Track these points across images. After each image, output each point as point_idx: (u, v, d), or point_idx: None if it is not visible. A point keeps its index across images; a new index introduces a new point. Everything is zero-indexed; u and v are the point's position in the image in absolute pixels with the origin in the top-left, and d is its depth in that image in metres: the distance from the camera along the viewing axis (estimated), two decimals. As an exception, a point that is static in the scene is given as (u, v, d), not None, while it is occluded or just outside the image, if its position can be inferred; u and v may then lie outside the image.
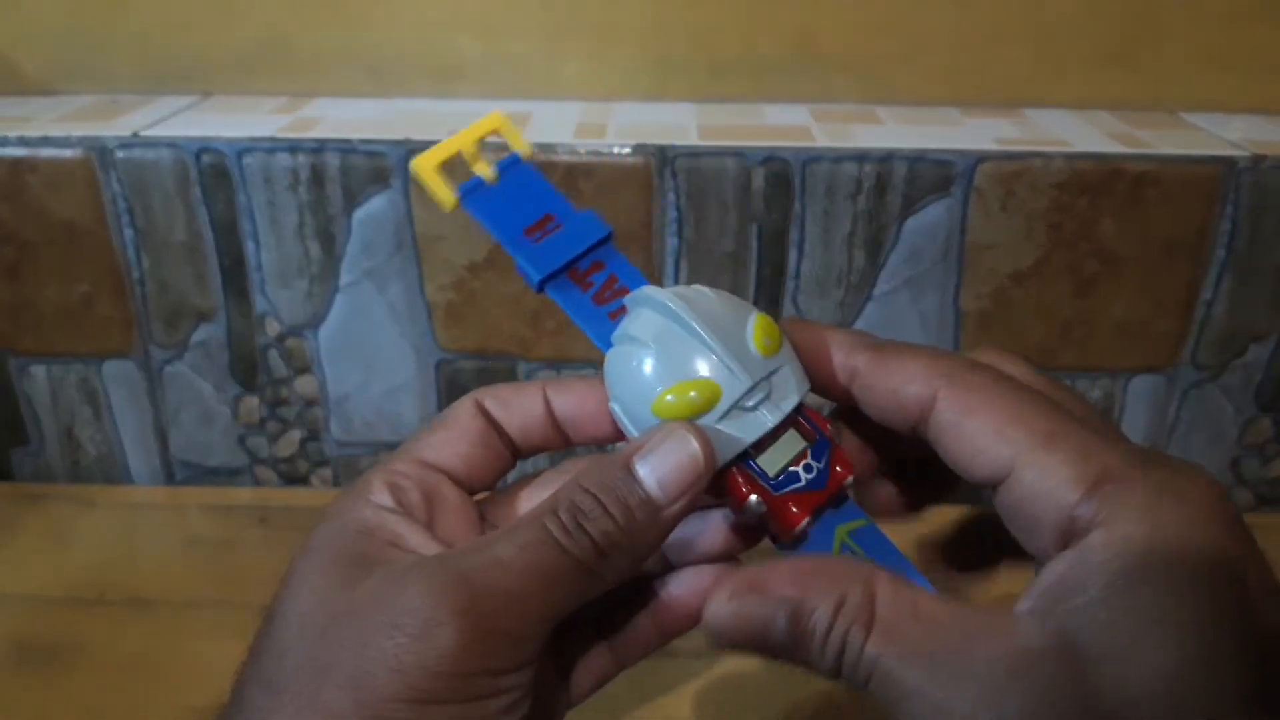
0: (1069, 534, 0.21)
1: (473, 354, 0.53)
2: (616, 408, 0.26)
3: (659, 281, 0.50)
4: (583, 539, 0.24)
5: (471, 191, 0.28)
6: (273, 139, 0.49)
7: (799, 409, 0.26)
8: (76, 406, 0.56)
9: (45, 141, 0.49)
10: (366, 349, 0.53)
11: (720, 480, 0.25)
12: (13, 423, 0.56)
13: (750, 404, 0.25)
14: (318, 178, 0.49)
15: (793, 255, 0.50)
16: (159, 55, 0.56)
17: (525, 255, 0.27)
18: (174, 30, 0.55)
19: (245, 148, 0.49)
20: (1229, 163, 0.47)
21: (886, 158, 0.48)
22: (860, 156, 0.48)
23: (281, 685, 0.23)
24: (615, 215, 0.49)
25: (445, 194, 0.28)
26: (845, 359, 0.26)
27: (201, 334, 0.53)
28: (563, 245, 0.28)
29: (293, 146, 0.49)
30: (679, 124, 0.52)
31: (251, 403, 0.55)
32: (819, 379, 0.26)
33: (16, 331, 0.54)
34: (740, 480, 0.25)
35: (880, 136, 0.50)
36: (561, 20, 0.55)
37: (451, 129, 0.51)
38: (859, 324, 0.51)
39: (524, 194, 0.28)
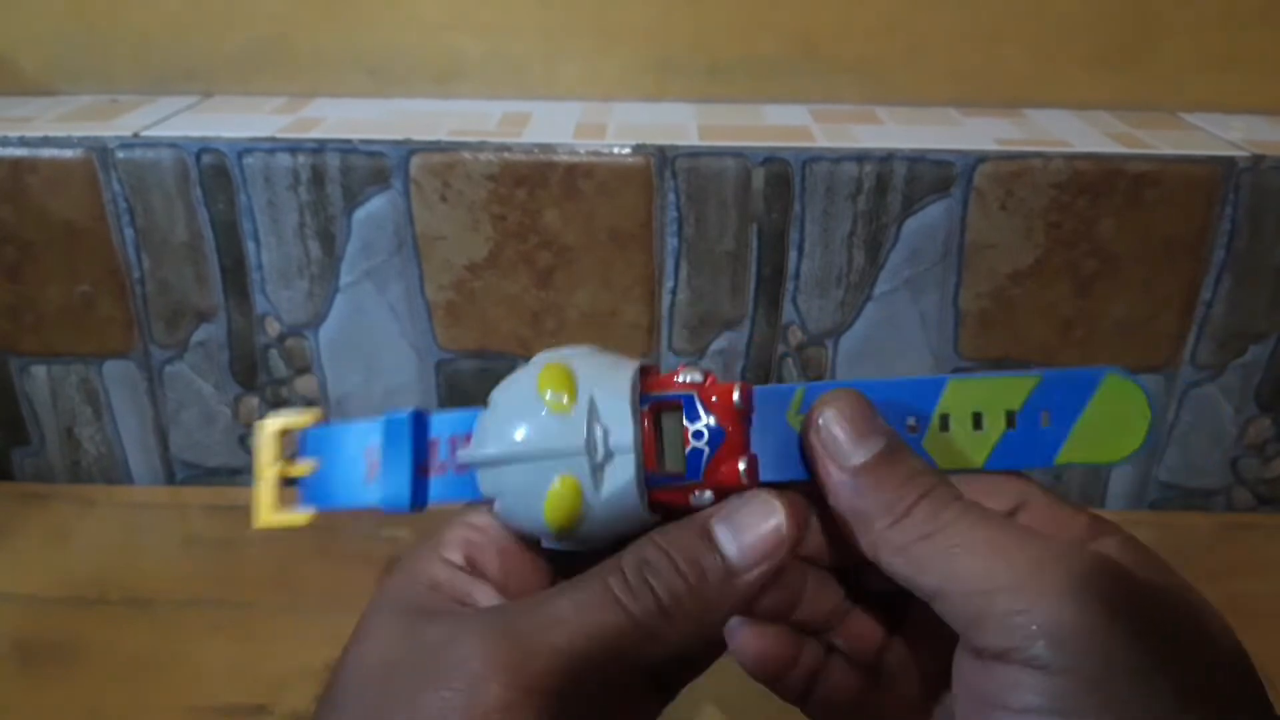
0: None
1: (473, 354, 0.53)
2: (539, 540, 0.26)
3: (658, 282, 0.51)
4: (646, 596, 0.23)
5: (308, 492, 0.28)
6: (273, 139, 0.49)
7: (642, 408, 0.25)
8: (77, 406, 0.56)
9: (46, 142, 0.49)
10: (366, 349, 0.53)
11: (665, 507, 0.25)
12: (13, 422, 0.56)
13: (600, 458, 0.24)
14: (318, 178, 0.49)
15: (793, 255, 0.50)
16: (159, 55, 0.56)
17: (380, 500, 0.27)
18: (174, 30, 0.55)
19: (246, 148, 0.49)
20: (1229, 163, 0.47)
21: (886, 158, 0.48)
22: (860, 157, 0.48)
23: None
24: (615, 215, 0.49)
25: (298, 520, 0.28)
26: (884, 535, 0.23)
27: (202, 334, 0.53)
28: (396, 462, 0.27)
29: (293, 147, 0.49)
30: (679, 124, 0.52)
31: (252, 403, 0.55)
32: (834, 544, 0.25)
33: (17, 331, 0.54)
34: (672, 494, 0.25)
35: (880, 137, 0.50)
36: (561, 20, 0.55)
37: (451, 130, 0.51)
38: (859, 324, 0.51)
39: (338, 450, 0.28)
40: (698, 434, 0.25)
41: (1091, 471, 0.55)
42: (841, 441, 0.24)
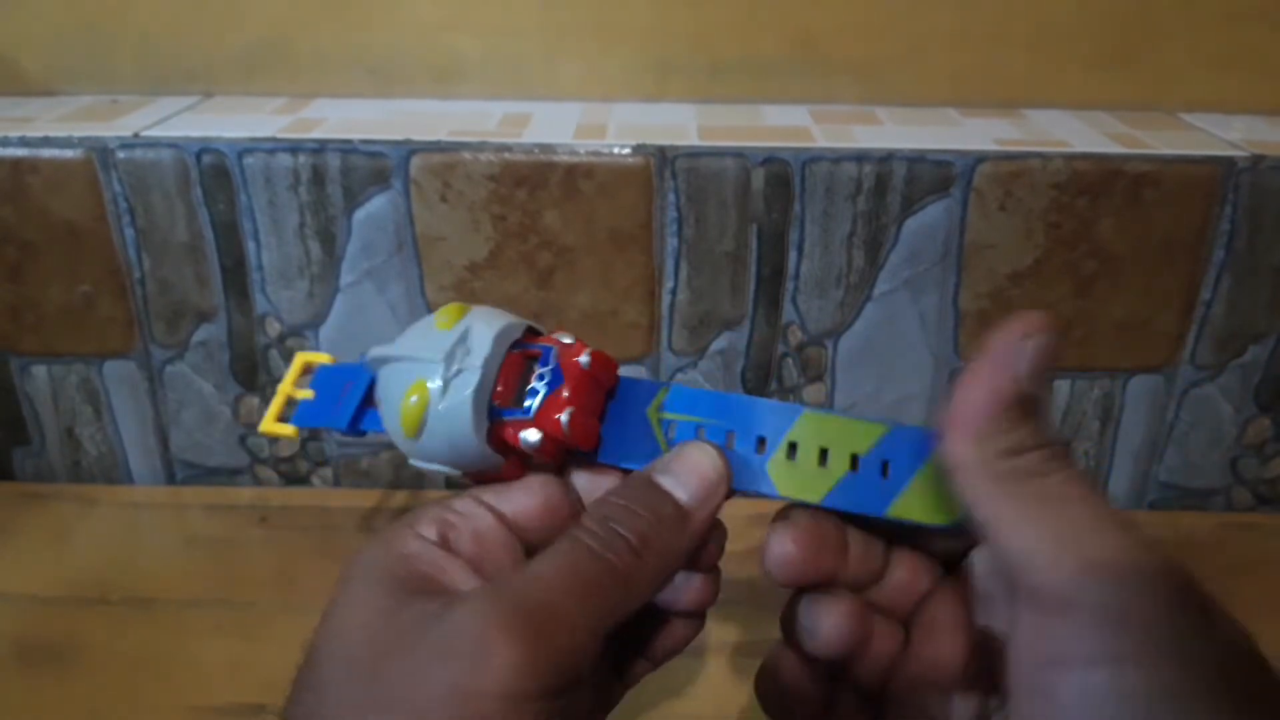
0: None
1: (473, 354, 0.53)
2: (403, 450, 0.28)
3: (658, 282, 0.51)
4: (617, 542, 0.24)
5: (299, 415, 0.33)
6: (273, 139, 0.49)
7: (511, 351, 0.27)
8: (77, 406, 0.56)
9: (46, 142, 0.49)
10: (366, 349, 0.53)
11: (500, 444, 0.27)
12: (14, 422, 0.56)
13: (453, 372, 0.27)
14: (318, 178, 0.49)
15: (792, 255, 0.50)
16: (160, 56, 0.56)
17: (328, 421, 0.32)
18: (175, 31, 0.55)
19: (246, 148, 0.49)
20: (1228, 163, 0.47)
21: (886, 158, 0.48)
22: (860, 157, 0.48)
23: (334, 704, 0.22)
24: (615, 215, 0.49)
25: (283, 431, 0.33)
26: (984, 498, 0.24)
27: (202, 334, 0.53)
28: (354, 394, 0.31)
29: (293, 147, 0.49)
30: (679, 124, 0.52)
31: (252, 403, 0.55)
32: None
33: (18, 331, 0.54)
34: (504, 428, 0.27)
35: (880, 137, 0.50)
36: (561, 20, 0.55)
37: (451, 130, 0.51)
38: (859, 324, 0.51)
39: (329, 384, 0.33)
40: (540, 376, 0.27)
41: (1090, 471, 0.55)
42: (1034, 364, 0.24)
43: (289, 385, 0.34)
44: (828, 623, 0.26)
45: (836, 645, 0.26)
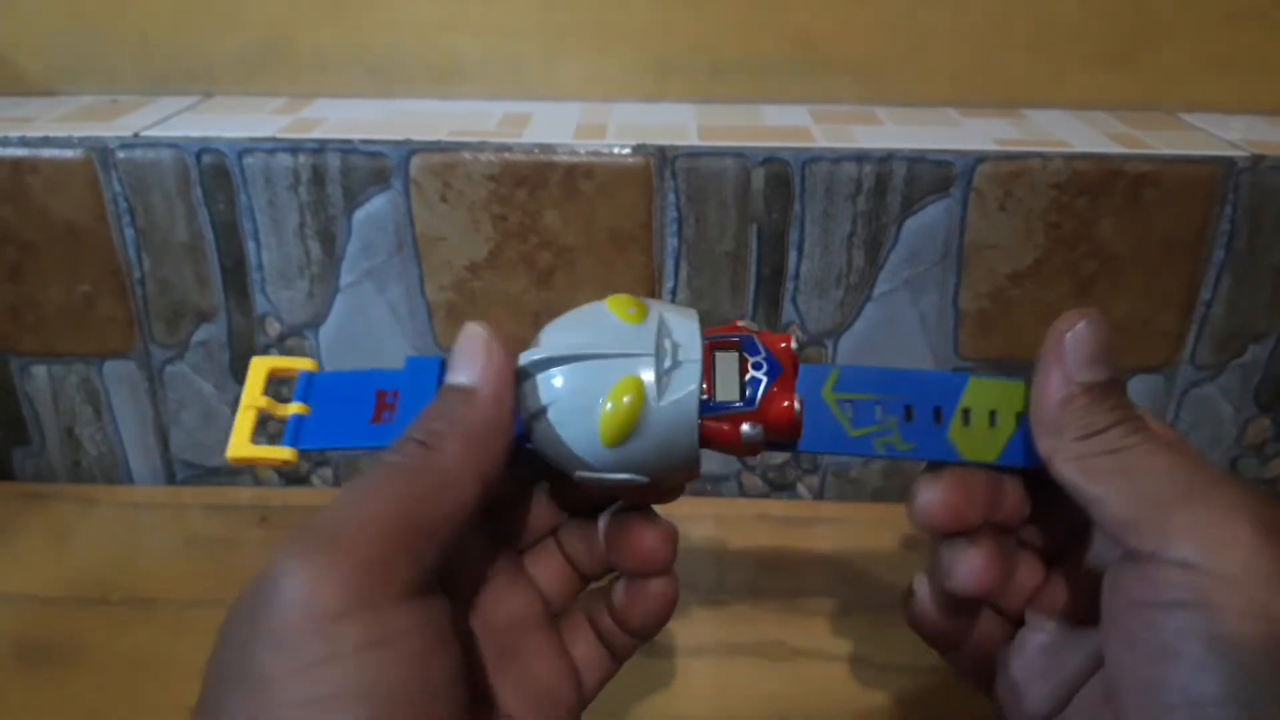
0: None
1: (473, 354, 0.53)
2: (580, 462, 0.26)
3: (658, 282, 0.51)
4: (409, 445, 0.24)
5: (297, 433, 0.28)
6: (273, 139, 0.49)
7: (707, 337, 0.26)
8: (77, 406, 0.56)
9: (46, 142, 0.49)
10: (367, 349, 0.53)
11: (710, 441, 0.26)
12: (14, 422, 0.56)
13: (668, 365, 0.25)
14: (318, 178, 0.49)
15: (792, 255, 0.50)
16: (160, 56, 0.56)
17: (380, 433, 0.27)
18: (175, 31, 0.55)
19: (246, 148, 0.49)
20: (1228, 163, 0.47)
21: (886, 158, 0.48)
22: (860, 157, 0.48)
23: (206, 710, 0.22)
24: (615, 215, 0.49)
25: (278, 454, 0.27)
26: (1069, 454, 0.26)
27: (202, 334, 0.53)
28: (415, 403, 0.27)
29: (293, 147, 0.49)
30: (679, 124, 0.52)
31: (252, 403, 0.55)
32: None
33: (18, 331, 0.54)
34: (720, 424, 0.26)
35: (880, 137, 0.50)
36: (561, 20, 0.55)
37: (451, 130, 0.51)
38: (859, 324, 0.51)
39: (341, 395, 0.28)
40: (757, 364, 0.26)
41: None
42: (1081, 355, 0.26)
43: (259, 398, 0.28)
44: (964, 567, 0.28)
45: (971, 589, 0.28)
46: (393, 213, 0.50)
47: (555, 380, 0.25)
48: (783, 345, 0.27)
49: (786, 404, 0.26)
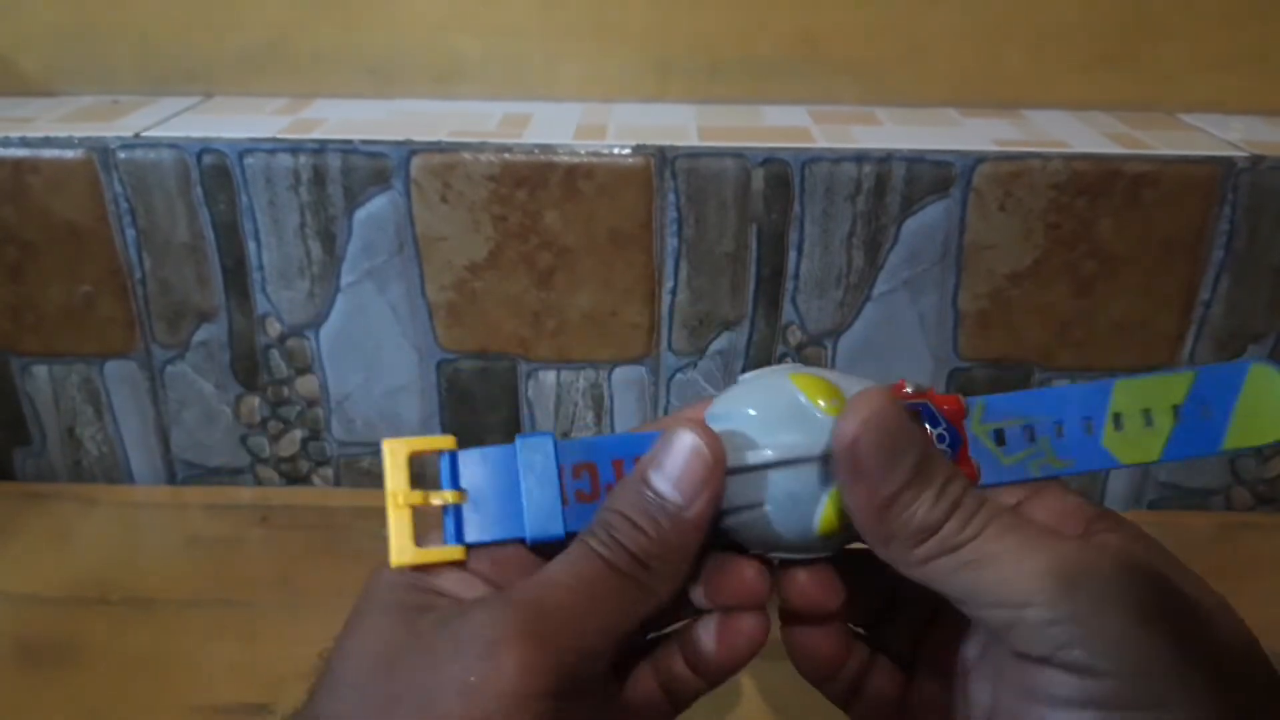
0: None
1: (473, 354, 0.53)
2: (785, 546, 0.26)
3: (658, 283, 0.51)
4: (619, 550, 0.24)
5: (459, 527, 0.26)
6: (274, 139, 0.49)
7: None
8: (78, 406, 0.56)
9: (47, 142, 0.49)
10: (367, 349, 0.53)
11: None
12: (15, 422, 0.56)
13: None
14: (319, 178, 0.49)
15: (792, 256, 0.50)
16: (160, 56, 0.56)
17: (531, 531, 0.26)
18: (175, 31, 0.56)
19: (246, 148, 0.49)
20: (1228, 163, 0.47)
21: (886, 158, 0.48)
22: (859, 157, 0.48)
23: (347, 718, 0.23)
24: (615, 216, 0.49)
25: (448, 555, 0.25)
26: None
27: (203, 334, 0.53)
28: (544, 489, 0.26)
29: (294, 147, 0.49)
30: (679, 125, 0.52)
31: (253, 402, 0.55)
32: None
33: (19, 331, 0.54)
34: None
35: (879, 137, 0.50)
36: (561, 20, 0.55)
37: (452, 130, 0.51)
38: (858, 324, 0.51)
39: (490, 475, 0.26)
40: (940, 437, 0.26)
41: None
42: (872, 467, 0.24)
43: (410, 493, 0.25)
44: (807, 645, 0.28)
45: (811, 668, 0.28)
46: (393, 213, 0.50)
47: (774, 479, 0.26)
48: (954, 407, 0.26)
49: (965, 472, 0.26)
